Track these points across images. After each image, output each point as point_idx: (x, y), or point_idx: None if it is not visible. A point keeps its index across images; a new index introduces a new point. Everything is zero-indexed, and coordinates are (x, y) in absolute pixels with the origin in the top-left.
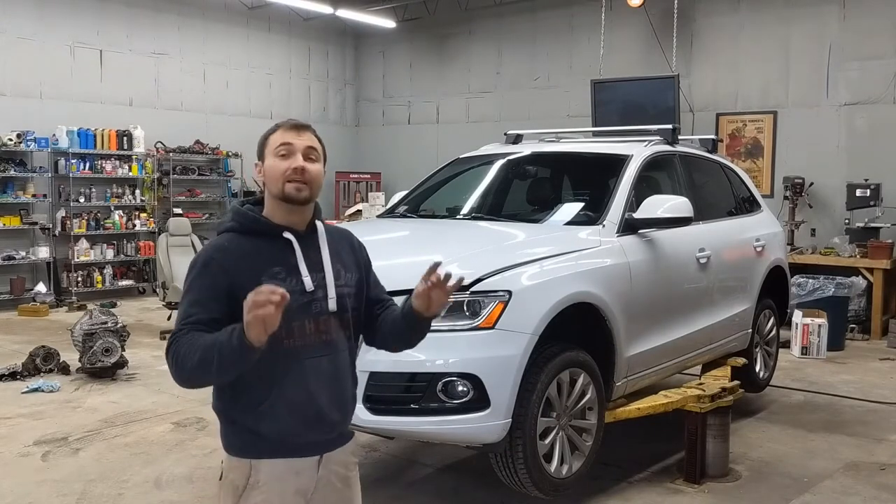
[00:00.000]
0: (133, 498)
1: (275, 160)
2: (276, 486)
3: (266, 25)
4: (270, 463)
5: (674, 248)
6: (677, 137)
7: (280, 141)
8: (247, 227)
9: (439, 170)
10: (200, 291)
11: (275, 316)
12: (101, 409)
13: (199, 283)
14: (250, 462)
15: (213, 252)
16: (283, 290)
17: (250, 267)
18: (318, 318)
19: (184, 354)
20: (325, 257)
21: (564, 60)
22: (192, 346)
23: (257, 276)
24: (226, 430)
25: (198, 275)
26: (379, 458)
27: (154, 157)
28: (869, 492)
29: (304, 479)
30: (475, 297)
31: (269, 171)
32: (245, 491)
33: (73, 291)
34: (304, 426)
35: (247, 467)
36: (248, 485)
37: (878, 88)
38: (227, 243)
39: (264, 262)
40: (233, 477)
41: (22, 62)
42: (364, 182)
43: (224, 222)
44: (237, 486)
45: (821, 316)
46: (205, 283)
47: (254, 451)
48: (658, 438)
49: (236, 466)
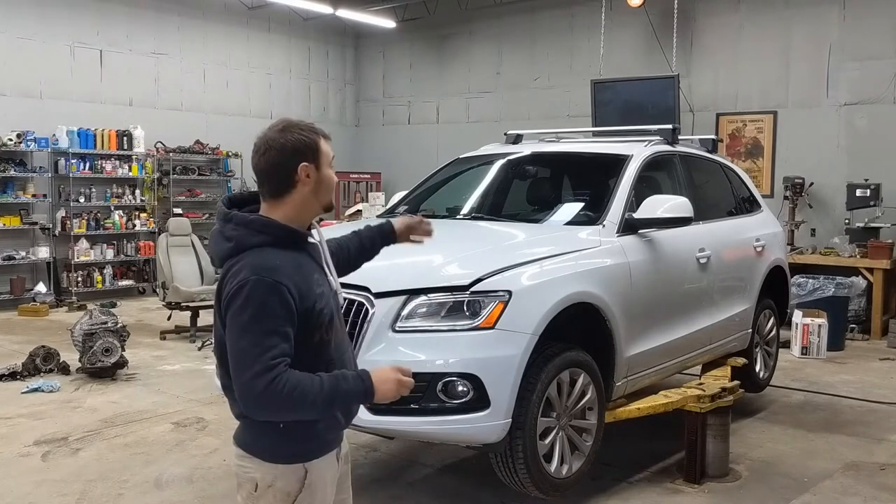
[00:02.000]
0: (133, 498)
1: (331, 171)
2: (321, 483)
3: (266, 25)
4: (322, 460)
5: (674, 248)
6: (677, 137)
7: (332, 154)
8: (283, 240)
9: (439, 170)
10: (277, 320)
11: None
12: (101, 409)
13: (273, 312)
14: (303, 466)
15: (274, 275)
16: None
17: (303, 279)
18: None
19: (300, 394)
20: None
21: (564, 60)
22: (312, 387)
23: (309, 287)
24: (270, 438)
25: (267, 302)
26: (379, 458)
27: (154, 157)
28: (869, 492)
29: (334, 470)
30: (475, 297)
31: (328, 182)
32: (301, 494)
33: (73, 291)
34: (347, 416)
35: (301, 472)
36: (304, 487)
37: (878, 88)
38: (278, 261)
39: (310, 270)
40: (282, 485)
41: (22, 62)
42: (364, 182)
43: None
44: (289, 493)
45: (821, 316)
46: (280, 310)
47: (308, 454)
48: (658, 438)
49: (288, 473)
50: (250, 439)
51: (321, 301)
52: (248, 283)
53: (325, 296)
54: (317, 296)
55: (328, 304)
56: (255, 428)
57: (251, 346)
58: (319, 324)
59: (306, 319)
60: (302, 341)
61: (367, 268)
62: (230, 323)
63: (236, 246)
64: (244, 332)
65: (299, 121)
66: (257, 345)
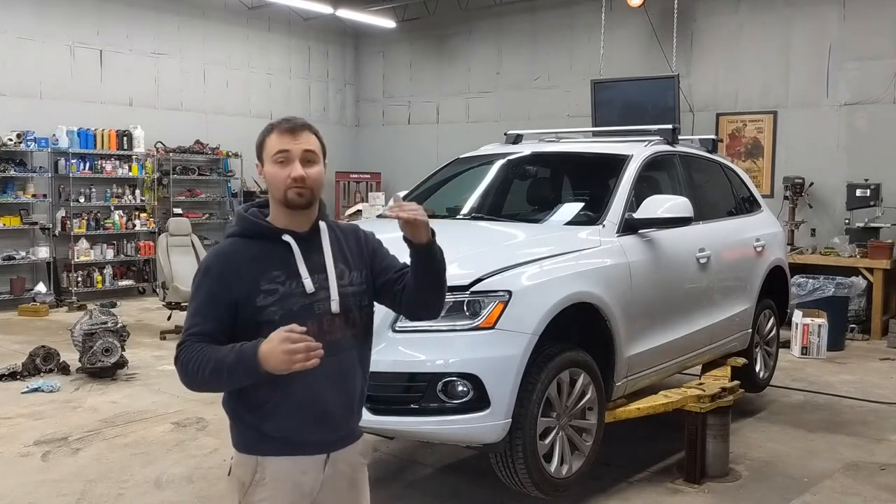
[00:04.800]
0: (133, 498)
1: (274, 167)
2: (281, 484)
3: (266, 25)
4: (275, 460)
5: (674, 248)
6: (677, 137)
7: (277, 148)
8: (249, 231)
9: (439, 170)
10: (202, 300)
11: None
12: (101, 409)
13: (201, 292)
14: (256, 459)
15: (213, 259)
16: (302, 330)
17: (250, 272)
18: (321, 319)
19: (194, 366)
20: (327, 258)
21: (564, 60)
22: (201, 359)
23: (257, 281)
24: (234, 427)
25: (200, 283)
26: (379, 458)
27: (154, 157)
28: (869, 492)
29: (309, 477)
30: (475, 297)
31: (270, 178)
32: (250, 487)
33: (73, 291)
34: (308, 425)
35: (253, 464)
36: (254, 481)
37: (878, 88)
38: (228, 249)
39: (265, 266)
40: (239, 473)
41: (22, 62)
42: (364, 182)
43: (229, 226)
44: (243, 483)
45: (821, 316)
46: (205, 291)
47: (259, 448)
48: (658, 438)
49: (243, 462)
50: (230, 426)
51: (267, 298)
52: (200, 264)
53: (277, 293)
54: (261, 291)
55: (281, 304)
56: (228, 415)
57: (185, 322)
58: (261, 321)
59: (242, 310)
60: (245, 334)
61: None
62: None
63: (224, 233)
64: (188, 307)
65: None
66: (186, 321)
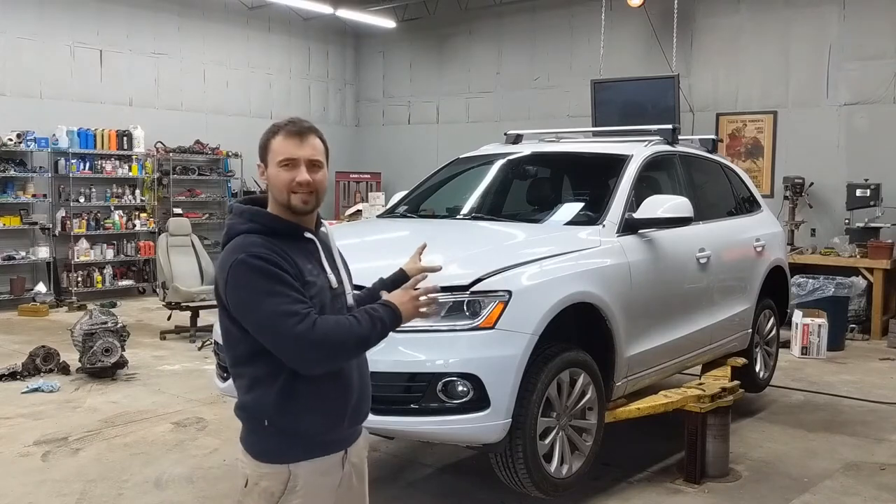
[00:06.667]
0: (133, 498)
1: (278, 170)
2: (314, 488)
3: (266, 25)
4: (309, 464)
5: (674, 248)
6: (677, 137)
7: (283, 154)
8: (269, 228)
9: (439, 170)
10: (285, 286)
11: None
12: (101, 409)
13: (276, 283)
14: (288, 467)
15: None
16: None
17: (294, 265)
18: (343, 312)
19: (336, 334)
20: (336, 255)
21: (564, 60)
22: (340, 327)
23: (302, 274)
24: (257, 436)
25: (268, 275)
26: (379, 458)
27: (154, 157)
28: (869, 492)
29: (334, 475)
30: (475, 297)
31: (273, 181)
32: (283, 497)
33: (73, 291)
34: (343, 420)
35: (285, 473)
36: (287, 490)
37: (878, 88)
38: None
39: (301, 260)
40: (266, 484)
41: (22, 62)
42: (364, 182)
43: (236, 223)
44: (272, 493)
45: (821, 316)
46: (280, 280)
47: (292, 455)
48: (658, 438)
49: (270, 473)
50: (244, 436)
51: (311, 289)
52: (237, 262)
53: (316, 286)
54: (307, 282)
55: (320, 297)
56: (247, 425)
57: (276, 305)
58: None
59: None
60: None
61: (366, 268)
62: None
63: (228, 232)
64: (261, 300)
65: (291, 118)
66: (280, 303)
